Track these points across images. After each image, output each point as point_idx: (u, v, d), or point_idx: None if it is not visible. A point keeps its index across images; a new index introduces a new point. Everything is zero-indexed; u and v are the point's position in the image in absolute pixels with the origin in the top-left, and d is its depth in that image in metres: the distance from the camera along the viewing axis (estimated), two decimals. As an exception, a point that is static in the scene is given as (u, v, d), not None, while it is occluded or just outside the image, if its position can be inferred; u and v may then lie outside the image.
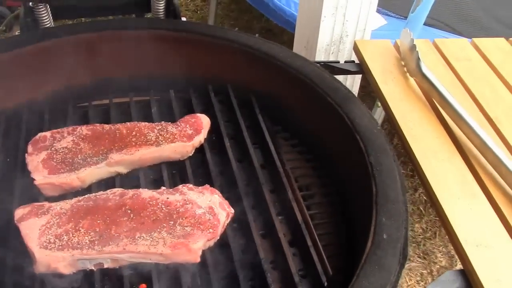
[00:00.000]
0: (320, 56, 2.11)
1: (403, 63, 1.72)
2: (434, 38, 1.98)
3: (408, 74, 1.68)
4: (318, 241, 1.30)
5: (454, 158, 1.46)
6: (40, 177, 1.32)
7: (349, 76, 2.26)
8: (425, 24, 2.40)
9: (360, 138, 1.34)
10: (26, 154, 1.38)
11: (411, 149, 1.40)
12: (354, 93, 2.56)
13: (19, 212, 1.22)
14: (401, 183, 1.23)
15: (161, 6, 1.91)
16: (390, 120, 1.53)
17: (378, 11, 3.07)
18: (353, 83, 2.34)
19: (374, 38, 2.21)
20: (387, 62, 1.70)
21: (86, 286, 1.18)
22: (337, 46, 2.09)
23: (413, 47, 1.69)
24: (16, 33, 2.27)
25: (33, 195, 1.33)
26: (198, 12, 4.33)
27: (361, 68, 1.72)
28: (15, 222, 1.20)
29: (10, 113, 1.57)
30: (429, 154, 1.45)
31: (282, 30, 3.50)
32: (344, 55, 2.16)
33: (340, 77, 2.28)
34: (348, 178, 1.43)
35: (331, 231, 1.38)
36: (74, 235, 1.17)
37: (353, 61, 1.75)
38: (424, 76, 1.64)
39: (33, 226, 1.18)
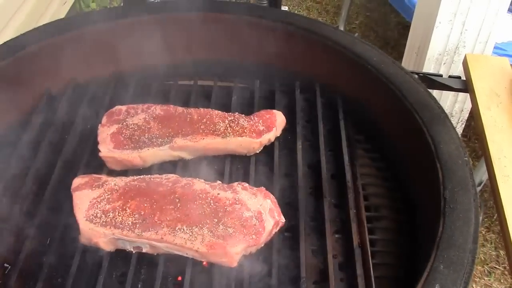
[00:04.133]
0: (430, 65, 1.92)
1: (517, 87, 1.48)
2: None
3: (519, 101, 1.44)
4: (371, 270, 1.17)
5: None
6: (105, 149, 1.34)
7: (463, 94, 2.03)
8: None
9: (440, 166, 1.18)
10: (99, 125, 1.41)
11: (498, 190, 1.19)
12: (464, 116, 2.31)
13: (76, 182, 1.25)
14: (475, 228, 1.06)
15: (265, -8, 1.86)
16: (483, 152, 1.32)
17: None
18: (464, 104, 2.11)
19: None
20: (497, 84, 1.47)
21: (122, 264, 1.18)
22: (451, 56, 1.88)
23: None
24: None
25: (98, 165, 1.36)
26: (336, -1, 4.23)
27: (466, 86, 1.51)
28: (71, 190, 1.23)
29: (101, 81, 1.61)
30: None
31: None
32: (459, 67, 1.94)
33: (457, 96, 2.07)
34: (423, 210, 1.27)
35: (389, 263, 1.24)
36: (119, 214, 1.17)
37: (459, 77, 1.55)
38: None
39: (85, 198, 1.21)
